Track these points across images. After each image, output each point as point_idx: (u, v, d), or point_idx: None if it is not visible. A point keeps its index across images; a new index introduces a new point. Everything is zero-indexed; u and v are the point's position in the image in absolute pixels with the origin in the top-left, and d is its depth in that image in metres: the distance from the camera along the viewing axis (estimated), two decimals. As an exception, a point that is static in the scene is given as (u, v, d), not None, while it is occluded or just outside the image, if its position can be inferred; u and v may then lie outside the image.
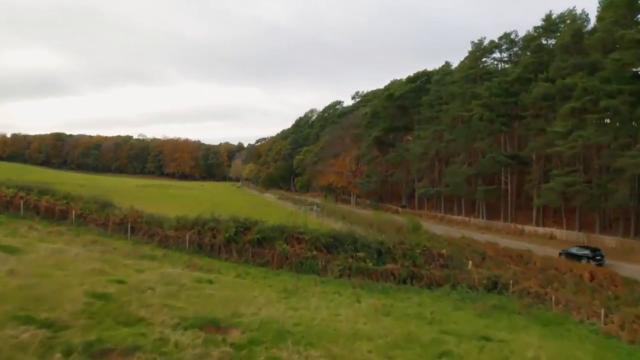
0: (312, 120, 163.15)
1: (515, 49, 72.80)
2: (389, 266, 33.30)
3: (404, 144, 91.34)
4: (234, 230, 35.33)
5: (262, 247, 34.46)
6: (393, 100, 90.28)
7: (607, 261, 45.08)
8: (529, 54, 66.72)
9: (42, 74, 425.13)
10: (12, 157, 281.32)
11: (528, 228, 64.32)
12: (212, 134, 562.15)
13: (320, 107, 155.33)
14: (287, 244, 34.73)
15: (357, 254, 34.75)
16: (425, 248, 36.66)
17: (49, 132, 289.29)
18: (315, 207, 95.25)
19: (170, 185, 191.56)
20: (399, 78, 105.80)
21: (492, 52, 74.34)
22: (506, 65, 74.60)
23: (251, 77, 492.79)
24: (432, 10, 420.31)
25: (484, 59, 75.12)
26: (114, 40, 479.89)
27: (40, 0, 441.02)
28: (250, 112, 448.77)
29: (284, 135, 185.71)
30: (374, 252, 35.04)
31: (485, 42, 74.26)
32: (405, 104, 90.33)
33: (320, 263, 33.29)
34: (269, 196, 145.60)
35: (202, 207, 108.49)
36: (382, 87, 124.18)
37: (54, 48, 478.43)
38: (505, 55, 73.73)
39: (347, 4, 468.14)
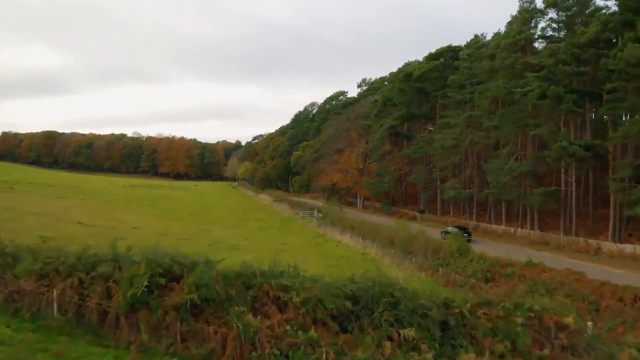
0: (312, 113, 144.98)
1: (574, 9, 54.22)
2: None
3: (424, 136, 72.88)
4: (146, 281, 16.78)
5: (203, 321, 16.03)
6: (411, 82, 71.75)
7: None
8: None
9: (42, 72, 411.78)
10: (2, 156, 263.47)
11: (606, 245, 45.92)
12: (213, 133, 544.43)
13: (322, 102, 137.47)
14: (254, 311, 16.32)
15: (401, 331, 16.27)
16: (532, 313, 18.23)
17: (40, 130, 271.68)
18: (316, 213, 77.00)
19: (160, 185, 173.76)
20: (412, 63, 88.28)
21: (545, 13, 55.88)
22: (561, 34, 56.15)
23: (253, 75, 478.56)
24: (435, 6, 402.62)
25: (535, 21, 56.62)
26: (114, 38, 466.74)
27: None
28: (252, 111, 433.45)
29: (282, 131, 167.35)
30: (434, 326, 16.58)
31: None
32: (425, 87, 71.96)
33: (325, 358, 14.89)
34: (264, 198, 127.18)
35: (185, 210, 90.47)
36: (388, 79, 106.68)
37: (54, 46, 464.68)
38: (562, 15, 55.06)
39: (349, 0, 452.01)
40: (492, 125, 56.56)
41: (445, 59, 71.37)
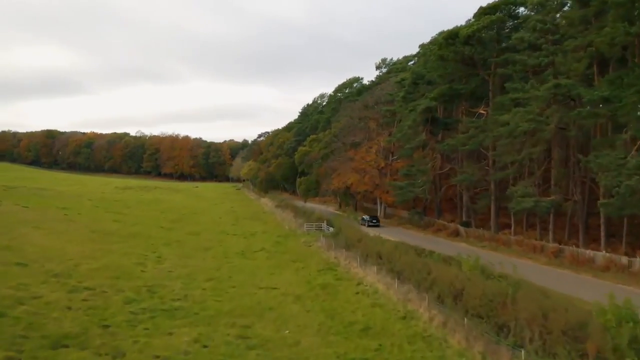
0: (322, 106, 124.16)
1: None
2: None
3: (475, 121, 51.22)
4: None
5: None
6: (456, 46, 50.15)
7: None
8: None
9: (53, 72, 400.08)
10: (1, 156, 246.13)
11: None
12: (224, 133, 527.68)
13: (333, 90, 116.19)
14: None
15: None
16: None
17: (39, 129, 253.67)
18: (325, 227, 56.44)
19: (156, 187, 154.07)
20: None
21: None
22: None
23: (264, 74, 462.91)
24: (448, 5, 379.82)
25: None
26: (126, 38, 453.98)
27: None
28: (263, 111, 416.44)
29: (288, 126, 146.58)
30: None
31: None
32: (474, 54, 50.44)
33: None
34: (266, 202, 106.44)
35: (164, 219, 69.91)
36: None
37: (65, 45, 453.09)
38: None
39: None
40: (597, 98, 35.23)
41: (504, 14, 49.97)
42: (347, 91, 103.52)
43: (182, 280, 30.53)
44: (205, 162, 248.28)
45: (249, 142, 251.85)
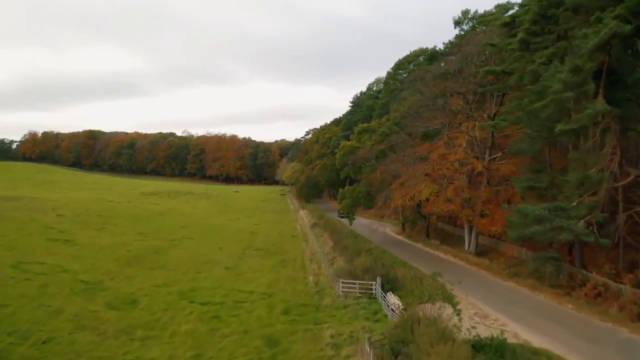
0: (378, 92, 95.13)
1: None
2: None
3: None
4: None
5: None
6: None
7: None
8: None
9: (112, 74, 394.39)
10: (42, 158, 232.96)
11: None
12: (280, 135, 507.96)
13: (391, 67, 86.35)
14: None
15: None
16: None
17: (82, 130, 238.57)
18: (378, 290, 27.97)
19: (188, 191, 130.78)
20: None
21: None
22: None
23: (322, 74, 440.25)
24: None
25: None
26: (183, 40, 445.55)
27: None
28: (322, 111, 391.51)
29: (337, 120, 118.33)
30: None
31: None
32: None
33: None
34: (304, 216, 79.09)
35: (130, 253, 42.83)
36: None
37: (123, 48, 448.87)
38: None
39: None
40: None
41: None
42: (411, 66, 73.96)
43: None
44: (253, 163, 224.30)
45: (301, 141, 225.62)
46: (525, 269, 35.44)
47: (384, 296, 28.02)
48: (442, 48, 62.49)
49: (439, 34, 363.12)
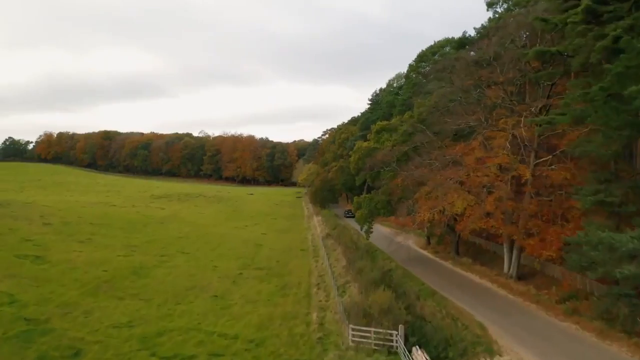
0: (400, 84, 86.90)
1: None
2: None
3: None
4: None
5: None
6: None
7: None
8: None
9: (133, 75, 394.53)
10: (58, 159, 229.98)
11: None
12: (300, 136, 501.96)
13: (414, 59, 77.86)
14: None
15: None
16: None
17: (97, 130, 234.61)
18: (400, 346, 19.88)
19: (200, 194, 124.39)
20: None
21: None
22: None
23: (343, 74, 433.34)
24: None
25: None
26: (204, 40, 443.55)
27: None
28: (342, 111, 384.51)
29: (354, 119, 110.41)
30: None
31: None
32: None
33: None
34: (317, 225, 71.72)
35: (107, 274, 35.66)
36: None
37: (145, 49, 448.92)
38: None
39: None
40: None
41: None
42: (436, 57, 65.70)
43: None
44: (269, 164, 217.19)
45: (319, 141, 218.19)
46: (589, 306, 27.34)
47: (408, 353, 20.35)
48: (472, 35, 54.16)
49: (460, 32, 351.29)
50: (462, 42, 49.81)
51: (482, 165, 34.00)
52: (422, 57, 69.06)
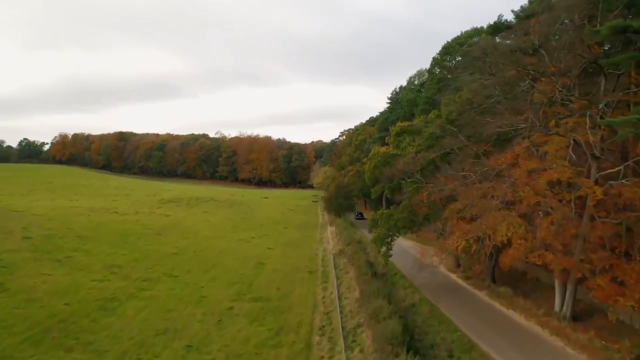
0: (422, 81, 78.79)
1: None
2: None
3: None
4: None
5: None
6: None
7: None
8: None
9: (152, 76, 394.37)
10: (72, 160, 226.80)
11: None
12: (320, 135, 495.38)
13: (437, 52, 69.51)
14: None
15: None
16: None
17: (112, 132, 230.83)
18: None
19: (211, 199, 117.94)
20: None
21: None
22: None
23: (364, 74, 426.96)
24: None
25: None
26: (224, 40, 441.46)
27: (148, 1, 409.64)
28: (362, 111, 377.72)
29: (372, 119, 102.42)
30: None
31: None
32: None
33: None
34: (330, 237, 64.44)
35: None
36: None
37: (165, 50, 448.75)
38: None
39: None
40: None
41: None
42: (463, 48, 57.68)
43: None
44: (286, 165, 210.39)
45: (336, 142, 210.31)
46: None
47: None
48: (508, 19, 45.91)
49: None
50: (498, 27, 41.59)
51: (534, 179, 26.12)
52: (447, 49, 60.94)
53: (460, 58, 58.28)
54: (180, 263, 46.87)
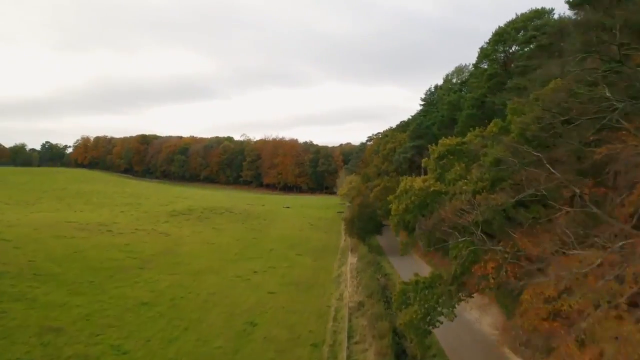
0: (462, 79, 64.97)
1: None
2: None
3: None
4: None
5: None
6: None
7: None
8: None
9: (182, 77, 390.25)
10: (94, 164, 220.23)
11: None
12: (349, 137, 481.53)
13: (486, 42, 55.96)
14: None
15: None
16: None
17: (134, 134, 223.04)
18: None
19: (226, 210, 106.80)
20: None
21: None
22: None
23: (394, 74, 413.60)
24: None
25: None
26: (254, 40, 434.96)
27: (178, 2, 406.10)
28: (393, 112, 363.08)
29: (403, 125, 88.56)
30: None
31: None
32: None
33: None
34: (349, 275, 51.72)
35: None
36: None
37: (193, 52, 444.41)
38: None
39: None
40: None
41: None
42: (520, 35, 43.76)
43: None
44: (313, 170, 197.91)
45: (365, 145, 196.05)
46: None
47: None
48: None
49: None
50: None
51: None
52: (500, 36, 46.89)
53: (517, 47, 44.36)
54: (142, 324, 34.72)
